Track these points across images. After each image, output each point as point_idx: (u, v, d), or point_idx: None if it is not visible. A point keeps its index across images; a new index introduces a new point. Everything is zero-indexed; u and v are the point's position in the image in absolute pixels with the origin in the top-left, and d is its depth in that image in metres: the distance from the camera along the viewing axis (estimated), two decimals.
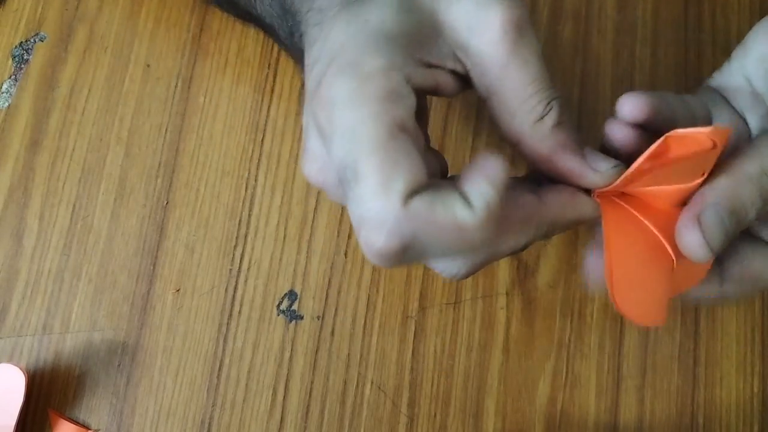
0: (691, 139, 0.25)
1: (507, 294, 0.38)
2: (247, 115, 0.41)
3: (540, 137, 0.27)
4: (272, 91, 0.41)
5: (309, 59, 0.28)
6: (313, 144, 0.27)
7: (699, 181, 0.27)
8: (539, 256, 0.38)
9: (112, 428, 0.37)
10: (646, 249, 0.28)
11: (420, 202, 0.24)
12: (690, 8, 0.42)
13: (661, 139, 0.25)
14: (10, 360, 0.38)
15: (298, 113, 0.41)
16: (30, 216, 0.40)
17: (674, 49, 0.42)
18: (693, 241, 0.27)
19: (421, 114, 0.28)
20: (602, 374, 0.37)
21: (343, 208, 0.39)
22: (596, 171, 0.27)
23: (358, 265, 0.39)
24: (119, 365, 0.38)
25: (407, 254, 0.25)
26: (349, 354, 0.37)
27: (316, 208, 0.39)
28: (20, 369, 0.35)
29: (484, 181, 0.25)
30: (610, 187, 0.27)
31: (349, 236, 0.39)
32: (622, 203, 0.28)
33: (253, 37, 0.42)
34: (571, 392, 0.37)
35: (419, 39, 0.27)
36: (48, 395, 0.37)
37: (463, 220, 0.24)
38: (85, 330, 0.38)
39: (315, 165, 0.27)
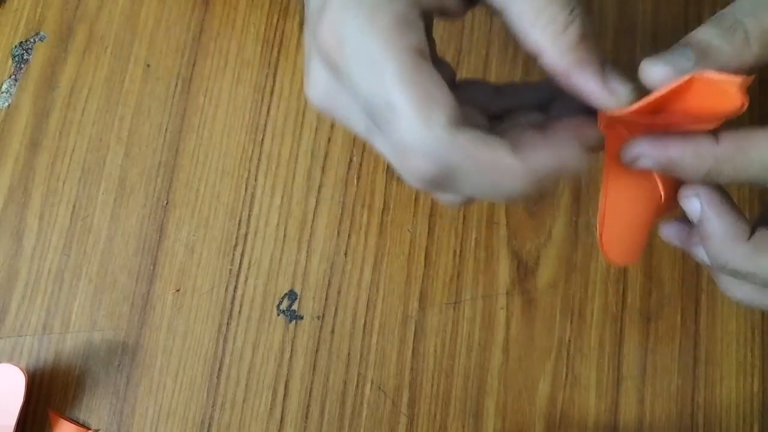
0: (719, 88, 0.24)
1: (507, 294, 0.38)
2: (247, 115, 0.41)
3: (560, 51, 0.27)
4: (272, 91, 0.41)
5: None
6: (317, 72, 0.27)
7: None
8: (539, 256, 0.38)
9: (112, 428, 0.37)
10: (639, 190, 0.27)
11: (465, 136, 0.24)
12: (690, 8, 0.42)
13: (686, 77, 0.24)
14: (10, 360, 0.38)
15: (298, 113, 0.41)
16: (30, 216, 0.40)
17: None
18: (646, 65, 0.26)
19: (428, 33, 0.28)
20: (602, 374, 0.37)
21: (344, 208, 0.39)
22: (612, 93, 0.27)
23: (358, 265, 0.39)
24: (119, 365, 0.38)
25: (445, 183, 0.25)
26: (349, 354, 0.37)
27: (316, 208, 0.39)
28: (20, 369, 0.35)
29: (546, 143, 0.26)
30: (622, 112, 0.27)
31: (349, 236, 0.39)
32: (623, 137, 0.28)
33: (253, 37, 0.42)
34: (571, 392, 0.37)
35: None
36: (48, 395, 0.37)
37: (508, 166, 0.25)
38: (85, 330, 0.38)
39: (320, 90, 0.27)
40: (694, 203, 0.28)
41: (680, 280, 0.38)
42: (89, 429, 0.37)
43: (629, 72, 0.45)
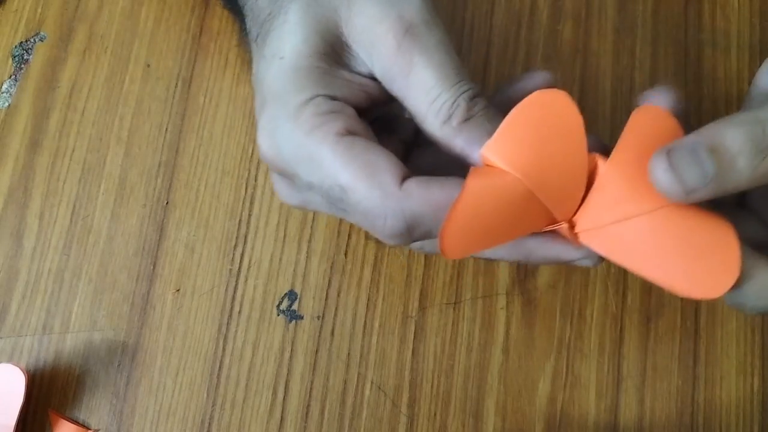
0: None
1: (507, 294, 0.38)
2: (247, 115, 0.41)
3: (450, 138, 0.28)
4: None
5: (252, 71, 0.31)
6: (276, 179, 0.31)
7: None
8: None
9: (112, 428, 0.37)
10: (506, 203, 0.26)
11: (413, 183, 0.26)
12: (690, 8, 0.42)
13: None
14: (10, 360, 0.38)
15: None
16: (30, 216, 0.40)
17: (674, 49, 0.42)
18: (658, 170, 0.25)
19: (372, 120, 0.30)
20: (602, 374, 0.37)
21: None
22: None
23: (358, 265, 0.39)
24: (119, 365, 0.38)
25: (416, 232, 0.27)
26: (349, 354, 0.37)
27: None
28: (20, 369, 0.35)
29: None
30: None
31: (349, 236, 0.39)
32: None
33: None
34: (571, 392, 0.37)
35: (336, 55, 0.29)
36: (48, 395, 0.37)
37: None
38: (85, 330, 0.38)
39: (286, 194, 0.31)
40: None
41: None
42: (89, 429, 0.37)
43: (630, 71, 0.45)
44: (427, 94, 0.28)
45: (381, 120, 0.31)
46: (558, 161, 0.27)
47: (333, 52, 0.29)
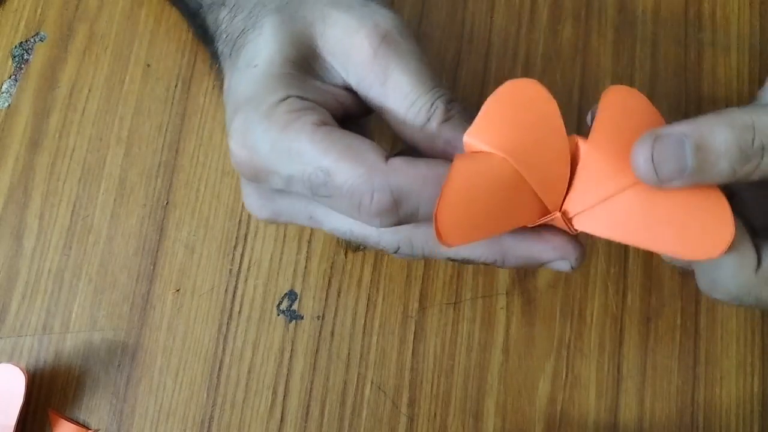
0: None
1: (507, 294, 0.38)
2: None
3: (429, 140, 0.28)
4: None
5: (224, 87, 0.31)
6: (247, 189, 0.30)
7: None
8: None
9: (112, 428, 0.37)
10: (496, 187, 0.26)
11: (399, 160, 0.26)
12: (690, 8, 0.42)
13: None
14: (10, 360, 0.38)
15: None
16: (30, 216, 0.40)
17: (674, 49, 0.42)
18: (639, 157, 0.25)
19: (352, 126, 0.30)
20: (602, 374, 0.37)
21: None
22: None
23: (358, 265, 0.39)
24: (119, 365, 0.38)
25: (404, 208, 0.26)
26: (349, 354, 0.37)
27: None
28: (20, 369, 0.35)
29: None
30: None
31: None
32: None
33: None
34: (571, 392, 0.37)
35: (309, 66, 0.29)
36: (48, 395, 0.37)
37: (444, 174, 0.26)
38: (85, 330, 0.38)
39: (255, 203, 0.31)
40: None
41: (680, 280, 0.38)
42: (89, 429, 0.37)
43: (630, 71, 0.45)
44: (405, 98, 0.28)
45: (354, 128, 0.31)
46: (540, 144, 0.27)
47: (306, 64, 0.29)
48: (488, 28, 0.42)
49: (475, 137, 0.27)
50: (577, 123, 0.40)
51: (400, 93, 0.28)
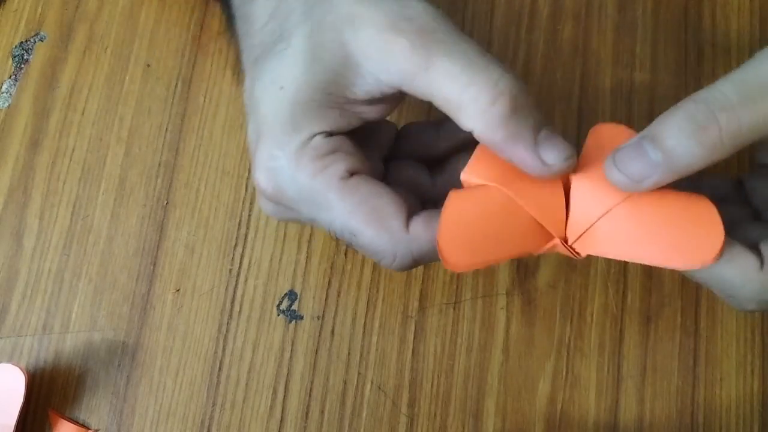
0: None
1: (507, 294, 0.38)
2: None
3: (489, 129, 0.27)
4: None
5: (245, 95, 0.31)
6: (263, 199, 0.31)
7: None
8: (539, 256, 0.38)
9: (112, 428, 0.37)
10: (493, 213, 0.28)
11: (419, 225, 0.28)
12: (690, 8, 0.42)
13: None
14: (10, 360, 0.38)
15: None
16: (30, 216, 0.40)
17: (674, 49, 0.42)
18: (608, 168, 0.26)
19: (362, 140, 0.30)
20: (602, 374, 0.37)
21: None
22: (545, 164, 0.27)
23: (358, 265, 0.39)
24: (119, 365, 0.38)
25: (421, 263, 0.29)
26: (349, 354, 0.37)
27: None
28: (20, 369, 0.35)
29: None
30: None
31: None
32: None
33: None
34: (571, 392, 0.37)
35: (338, 83, 0.28)
36: (48, 395, 0.37)
37: None
38: (85, 330, 0.38)
39: (268, 208, 0.31)
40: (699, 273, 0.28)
41: (680, 280, 0.38)
42: (89, 429, 0.37)
43: (629, 70, 0.45)
44: (455, 80, 0.27)
45: (360, 130, 0.30)
46: (533, 179, 0.28)
47: (335, 79, 0.28)
48: (488, 28, 0.42)
49: (471, 174, 0.29)
50: (577, 123, 0.40)
51: (450, 76, 0.27)
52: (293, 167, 0.28)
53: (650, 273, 0.38)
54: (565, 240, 0.28)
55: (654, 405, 0.36)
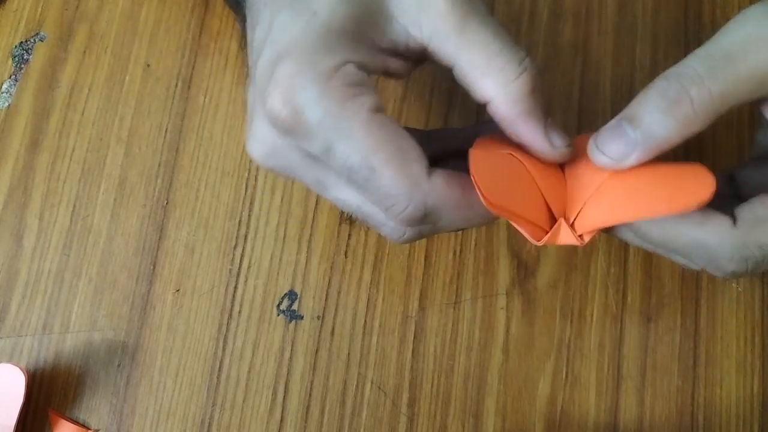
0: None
1: (507, 294, 0.38)
2: (247, 115, 0.41)
3: (509, 101, 0.28)
4: None
5: (253, 39, 0.29)
6: (263, 131, 0.28)
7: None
8: (539, 256, 0.38)
9: (112, 428, 0.37)
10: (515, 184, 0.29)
11: (440, 179, 0.27)
12: (690, 8, 0.42)
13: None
14: (10, 360, 0.38)
15: None
16: (30, 216, 0.40)
17: (674, 49, 0.42)
18: (593, 155, 0.28)
19: None
20: (602, 374, 0.37)
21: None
22: (553, 147, 0.29)
23: (358, 265, 0.39)
24: (119, 365, 0.38)
25: (426, 221, 0.27)
26: (349, 354, 0.37)
27: (316, 208, 0.39)
28: (20, 369, 0.35)
29: None
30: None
31: (349, 236, 0.39)
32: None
33: None
34: (571, 392, 0.37)
35: (370, 24, 0.28)
36: (48, 395, 0.37)
37: (477, 200, 0.26)
38: (85, 330, 0.38)
39: (265, 149, 0.29)
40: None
41: (680, 280, 0.38)
42: (89, 429, 0.37)
43: (630, 71, 0.45)
44: (487, 48, 0.27)
45: None
46: (537, 161, 0.29)
47: (369, 18, 0.28)
48: None
49: (480, 147, 0.29)
50: (578, 123, 0.40)
51: (481, 42, 0.27)
52: (321, 88, 0.26)
53: (650, 273, 0.38)
54: (569, 223, 0.29)
55: (654, 405, 0.36)
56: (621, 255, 0.38)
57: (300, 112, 0.26)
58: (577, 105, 0.41)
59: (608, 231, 0.30)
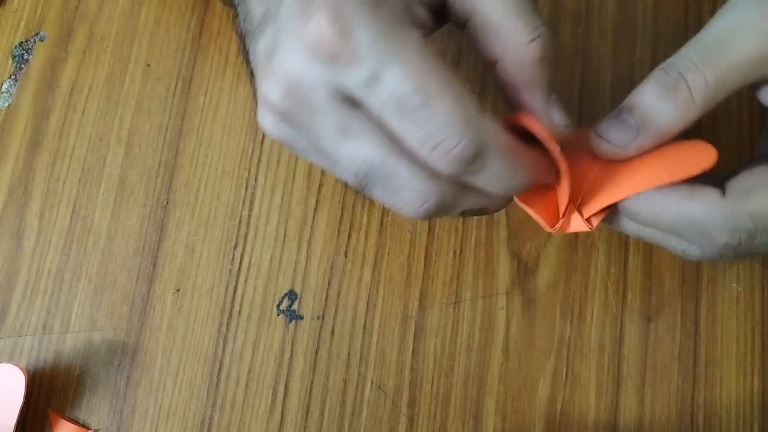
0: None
1: (507, 294, 0.38)
2: (247, 115, 0.41)
3: (518, 64, 0.27)
4: None
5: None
6: (290, 62, 0.25)
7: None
8: (539, 256, 0.38)
9: (112, 428, 0.37)
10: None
11: (492, 120, 0.25)
12: (690, 8, 0.42)
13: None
14: (10, 360, 0.38)
15: None
16: (30, 216, 0.40)
17: (674, 49, 0.41)
18: (596, 145, 0.29)
19: None
20: (602, 374, 0.37)
21: (344, 208, 0.39)
22: (551, 121, 0.28)
23: (358, 265, 0.39)
24: (119, 365, 0.38)
25: (473, 166, 0.25)
26: (349, 354, 0.37)
27: (316, 208, 0.39)
28: (20, 369, 0.35)
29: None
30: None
31: (349, 236, 0.39)
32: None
33: None
34: (571, 392, 0.37)
35: None
36: (48, 395, 0.37)
37: (525, 151, 0.26)
38: (85, 330, 0.38)
39: (284, 86, 0.26)
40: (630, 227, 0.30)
41: (680, 280, 0.38)
42: (89, 429, 0.37)
43: (630, 71, 0.45)
44: (505, 5, 0.27)
45: None
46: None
47: None
48: None
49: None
50: (578, 123, 0.40)
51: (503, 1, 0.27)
52: (372, 11, 0.24)
53: (650, 273, 0.38)
54: (579, 211, 0.29)
55: (654, 405, 0.36)
56: (621, 255, 0.38)
57: (348, 32, 0.24)
58: (577, 105, 0.41)
59: (607, 221, 0.30)
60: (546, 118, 0.28)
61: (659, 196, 0.28)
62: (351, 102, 0.25)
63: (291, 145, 0.28)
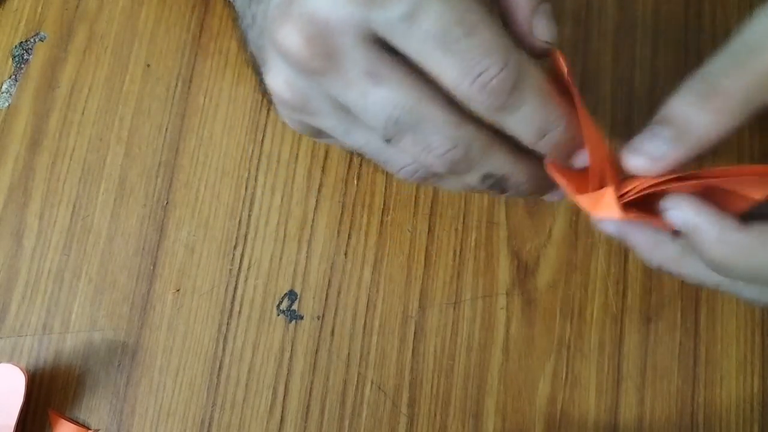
0: None
1: (507, 294, 0.38)
2: (247, 115, 0.41)
3: (527, 12, 0.27)
4: None
5: None
6: (315, 3, 0.24)
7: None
8: (539, 256, 0.38)
9: (112, 428, 0.37)
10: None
11: (527, 56, 0.25)
12: (690, 8, 0.42)
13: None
14: (10, 360, 0.38)
15: None
16: (30, 216, 0.40)
17: (674, 49, 0.42)
18: (630, 161, 0.27)
19: None
20: (602, 374, 0.37)
21: (344, 208, 0.39)
22: (530, 31, 0.28)
23: (358, 265, 0.39)
24: (119, 365, 0.38)
25: (511, 99, 0.25)
26: (349, 354, 0.37)
27: (316, 208, 0.39)
28: (20, 369, 0.35)
29: None
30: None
31: (349, 236, 0.39)
32: None
33: None
34: (571, 392, 0.37)
35: None
36: (48, 395, 0.37)
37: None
38: (85, 330, 0.38)
39: (310, 28, 0.25)
40: (676, 215, 0.27)
41: (680, 280, 0.38)
42: (89, 429, 0.37)
43: (630, 71, 0.45)
44: None
45: None
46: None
47: None
48: None
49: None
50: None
51: None
52: None
53: (650, 273, 0.38)
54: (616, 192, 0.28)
55: (654, 405, 0.36)
56: (621, 255, 0.38)
57: None
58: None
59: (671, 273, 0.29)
60: (526, 28, 0.27)
61: (741, 237, 0.26)
62: (381, 45, 0.24)
63: (304, 106, 0.27)
